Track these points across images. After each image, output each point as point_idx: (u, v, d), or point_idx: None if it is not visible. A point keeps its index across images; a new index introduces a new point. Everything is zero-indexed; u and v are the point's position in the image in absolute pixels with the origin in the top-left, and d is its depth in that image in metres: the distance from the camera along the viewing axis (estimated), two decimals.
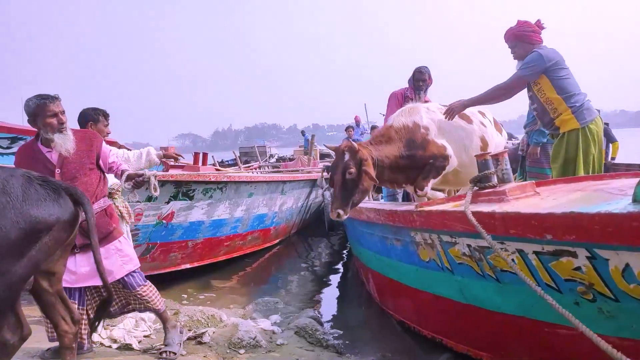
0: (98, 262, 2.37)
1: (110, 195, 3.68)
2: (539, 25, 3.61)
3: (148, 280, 3.10)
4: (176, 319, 3.80)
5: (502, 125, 4.37)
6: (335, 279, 5.91)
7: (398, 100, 4.80)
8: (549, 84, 3.44)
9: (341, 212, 3.05)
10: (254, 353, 3.24)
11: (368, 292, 4.66)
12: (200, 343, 3.32)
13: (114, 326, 3.40)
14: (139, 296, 2.98)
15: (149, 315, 3.75)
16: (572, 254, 1.89)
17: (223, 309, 4.25)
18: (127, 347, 3.16)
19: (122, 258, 2.92)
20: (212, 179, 5.30)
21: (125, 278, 2.92)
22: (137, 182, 3.06)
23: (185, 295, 4.91)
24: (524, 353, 2.36)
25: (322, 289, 5.41)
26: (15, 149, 3.56)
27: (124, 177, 3.04)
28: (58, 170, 2.75)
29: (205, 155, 6.44)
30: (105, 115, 3.71)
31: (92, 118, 3.62)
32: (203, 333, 3.42)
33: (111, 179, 3.72)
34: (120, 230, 3.07)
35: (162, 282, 5.09)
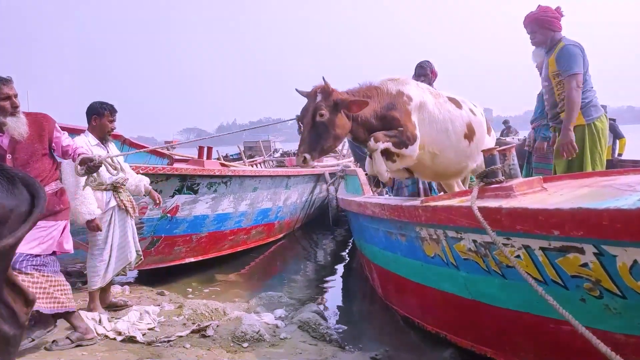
0: None
1: (116, 189, 3.69)
2: (559, 12, 3.55)
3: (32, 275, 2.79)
4: (180, 312, 3.82)
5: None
6: (339, 273, 5.92)
7: None
8: None
9: (307, 156, 2.81)
10: (258, 346, 3.24)
11: (372, 287, 4.66)
12: (204, 336, 3.34)
13: (118, 319, 3.42)
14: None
15: (153, 309, 3.77)
16: (579, 250, 1.87)
17: (227, 303, 4.27)
18: (131, 340, 3.18)
19: (39, 235, 2.78)
20: (217, 173, 5.30)
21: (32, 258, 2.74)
22: (90, 166, 2.97)
23: (190, 289, 4.92)
24: (529, 349, 2.35)
25: (325, 284, 5.42)
26: None
27: (77, 160, 2.96)
28: (9, 156, 2.69)
29: (209, 149, 6.45)
30: (112, 110, 3.69)
31: (96, 112, 3.62)
32: (207, 326, 3.43)
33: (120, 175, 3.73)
34: (66, 215, 3.00)
35: (167, 275, 5.11)
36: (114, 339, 3.18)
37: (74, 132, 3.75)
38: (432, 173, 3.64)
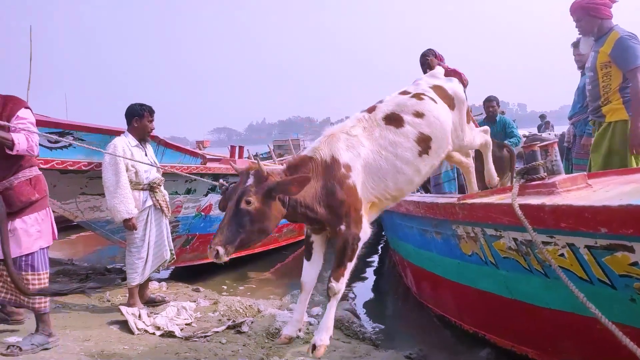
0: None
1: (152, 189, 3.79)
2: None
3: (46, 274, 2.83)
4: (215, 309, 3.89)
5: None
6: (370, 271, 5.88)
7: None
8: (620, 73, 3.24)
9: (221, 250, 2.25)
10: (291, 343, 3.27)
11: (405, 285, 4.61)
12: (239, 332, 3.38)
13: (156, 314, 3.51)
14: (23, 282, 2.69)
15: (190, 304, 3.85)
16: (628, 248, 1.80)
17: (260, 300, 4.31)
18: (169, 334, 3.26)
19: (37, 232, 2.75)
20: None
21: (26, 258, 2.71)
22: None
23: (224, 286, 5.00)
24: (573, 350, 2.27)
25: (358, 282, 5.39)
26: (63, 144, 3.70)
27: None
28: None
29: (241, 148, 6.54)
30: (151, 112, 3.82)
31: (137, 113, 3.75)
32: (242, 322, 3.48)
33: (154, 173, 3.83)
34: (44, 204, 2.86)
35: (202, 273, 5.21)
36: (153, 333, 3.26)
37: (111, 133, 3.86)
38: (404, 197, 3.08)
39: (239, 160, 5.85)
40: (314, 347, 2.47)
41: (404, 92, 2.95)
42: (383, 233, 6.38)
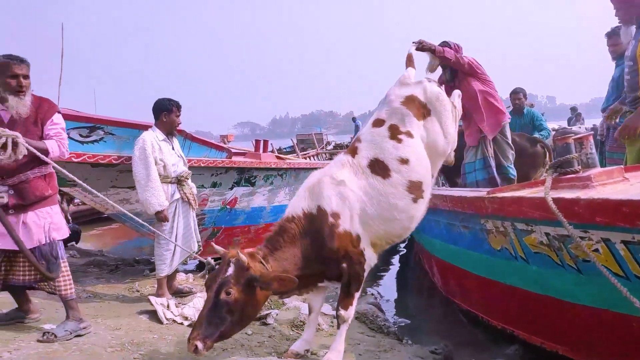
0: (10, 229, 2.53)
1: (180, 182, 3.84)
2: None
3: (66, 261, 2.94)
4: None
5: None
6: (395, 265, 5.85)
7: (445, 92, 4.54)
8: None
9: (200, 345, 2.18)
10: (316, 336, 3.28)
11: (431, 280, 4.57)
12: (264, 324, 3.41)
13: (184, 305, 3.57)
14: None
15: None
16: None
17: None
18: None
19: (50, 224, 2.83)
20: (273, 166, 5.39)
21: (44, 247, 2.79)
22: None
23: None
24: (607, 348, 2.21)
25: (382, 276, 5.38)
26: (94, 138, 3.80)
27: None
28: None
29: (265, 142, 6.56)
30: (178, 106, 3.87)
31: (165, 108, 3.81)
32: (267, 315, 3.51)
33: (181, 167, 3.89)
34: (55, 200, 2.96)
35: None
36: (181, 323, 3.32)
37: (140, 127, 3.92)
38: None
39: (264, 155, 5.88)
40: None
41: (378, 122, 2.82)
42: None
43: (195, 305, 3.56)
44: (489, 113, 4.12)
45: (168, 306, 3.46)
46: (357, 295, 2.58)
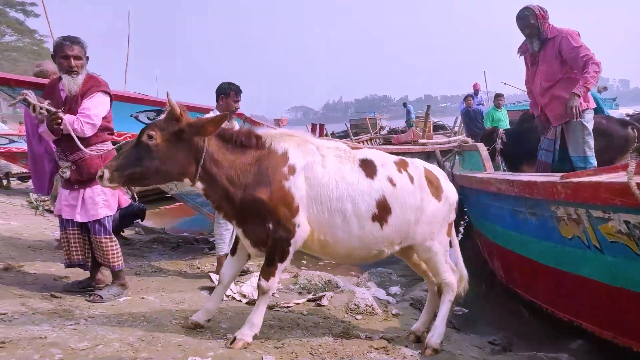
0: None
1: None
2: None
3: (114, 235, 3.17)
4: (296, 281, 3.98)
5: None
6: (451, 253, 5.69)
7: (525, 63, 4.30)
8: None
9: (106, 173, 2.24)
10: (370, 319, 3.27)
11: (490, 268, 4.40)
12: (319, 305, 3.44)
13: (242, 283, 3.67)
14: (101, 245, 3.07)
15: None
16: None
17: (339, 276, 4.35)
18: (254, 302, 3.38)
19: (103, 201, 3.06)
20: None
21: (94, 224, 3.04)
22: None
23: (304, 260, 5.11)
24: None
25: None
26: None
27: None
28: (64, 109, 2.89)
29: (322, 126, 6.56)
30: (237, 91, 3.93)
31: (224, 92, 3.89)
32: (322, 296, 3.53)
33: None
34: None
35: None
36: (240, 300, 3.42)
37: (202, 111, 4.02)
38: (332, 256, 2.86)
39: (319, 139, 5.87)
40: (234, 339, 2.41)
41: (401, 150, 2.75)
42: (465, 209, 6.09)
43: (252, 284, 3.65)
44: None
45: None
46: (280, 267, 2.44)
